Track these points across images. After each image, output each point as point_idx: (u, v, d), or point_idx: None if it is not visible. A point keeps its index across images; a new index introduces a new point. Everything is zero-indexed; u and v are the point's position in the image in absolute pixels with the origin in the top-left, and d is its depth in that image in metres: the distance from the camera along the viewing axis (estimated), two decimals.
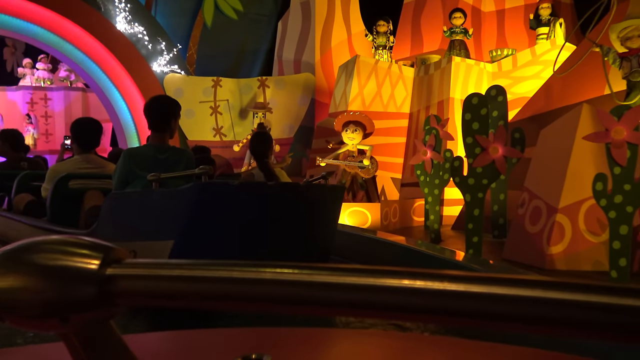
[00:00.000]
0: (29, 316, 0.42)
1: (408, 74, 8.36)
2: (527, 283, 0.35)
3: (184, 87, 10.38)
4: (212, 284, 0.42)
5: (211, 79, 10.36)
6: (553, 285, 0.35)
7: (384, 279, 0.37)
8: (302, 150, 10.47)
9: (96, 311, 0.43)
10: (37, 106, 15.62)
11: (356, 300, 0.38)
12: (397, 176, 8.13)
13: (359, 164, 6.60)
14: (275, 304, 0.40)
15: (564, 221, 3.72)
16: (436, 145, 5.32)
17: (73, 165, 3.96)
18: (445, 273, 0.37)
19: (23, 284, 0.42)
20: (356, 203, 6.36)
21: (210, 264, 0.42)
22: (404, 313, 0.37)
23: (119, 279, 0.42)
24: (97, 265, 0.42)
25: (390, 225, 6.50)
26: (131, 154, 3.33)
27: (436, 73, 7.71)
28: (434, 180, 5.36)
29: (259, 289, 0.40)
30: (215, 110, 10.35)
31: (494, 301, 0.35)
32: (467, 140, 4.17)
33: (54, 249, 0.43)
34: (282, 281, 0.40)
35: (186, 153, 3.51)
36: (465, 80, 7.43)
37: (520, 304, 0.35)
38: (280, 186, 3.12)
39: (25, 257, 0.43)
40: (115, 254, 0.44)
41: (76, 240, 0.44)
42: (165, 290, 0.43)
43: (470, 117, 4.17)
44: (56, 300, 0.42)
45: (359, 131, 6.72)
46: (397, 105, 8.31)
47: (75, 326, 0.44)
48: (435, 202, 5.37)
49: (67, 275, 0.42)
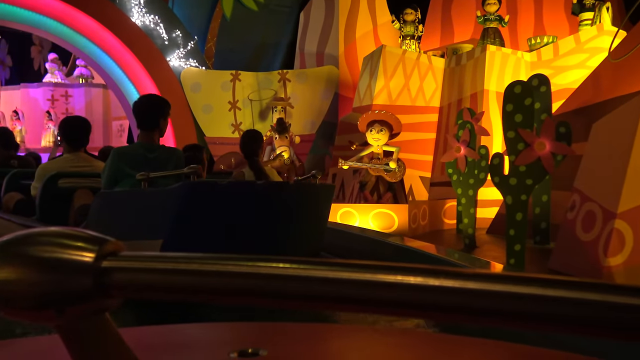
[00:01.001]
0: (24, 308, 0.43)
1: (438, 65, 7.89)
2: (526, 281, 0.36)
3: (201, 82, 10.08)
4: (207, 278, 0.42)
5: (230, 73, 10.03)
6: (547, 282, 0.35)
7: (378, 274, 0.38)
8: (325, 147, 10.10)
9: (92, 303, 0.44)
10: (57, 103, 15.75)
11: (351, 295, 0.39)
12: (426, 175, 7.68)
13: (385, 167, 6.15)
14: (270, 298, 0.41)
15: (623, 228, 3.24)
16: (471, 141, 4.87)
17: (62, 163, 3.95)
18: (441, 269, 0.38)
19: (19, 275, 0.43)
20: (382, 205, 5.93)
21: (206, 258, 0.43)
22: (399, 309, 0.38)
23: (115, 271, 0.43)
24: (93, 257, 0.43)
25: (419, 228, 6.07)
26: (120, 153, 3.35)
27: (469, 63, 7.23)
28: (468, 179, 4.90)
29: (254, 282, 0.41)
30: (234, 105, 10.03)
31: (490, 298, 0.36)
32: (509, 135, 3.72)
33: (50, 240, 0.44)
34: (278, 275, 0.40)
35: (176, 152, 3.54)
36: (501, 71, 6.94)
37: (517, 301, 0.35)
38: (269, 185, 3.18)
39: (21, 248, 0.43)
40: (111, 246, 0.44)
41: (72, 232, 0.45)
42: (161, 283, 0.43)
43: (512, 108, 3.72)
44: (52, 292, 0.43)
45: (385, 131, 6.27)
46: (426, 99, 7.84)
47: (71, 318, 0.45)
48: (470, 203, 4.92)
49: (63, 267, 0.43)
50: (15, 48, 18.03)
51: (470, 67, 7.18)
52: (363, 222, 5.84)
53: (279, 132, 7.92)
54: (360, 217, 5.87)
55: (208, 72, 10.28)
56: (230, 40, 11.13)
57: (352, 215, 5.86)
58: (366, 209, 5.88)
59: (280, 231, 2.93)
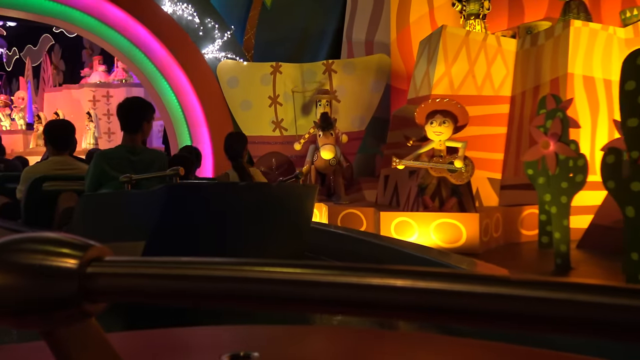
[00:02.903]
0: (9, 314, 0.44)
1: (509, 47, 6.86)
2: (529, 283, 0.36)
3: (239, 76, 9.40)
4: (192, 282, 0.43)
5: (270, 65, 9.31)
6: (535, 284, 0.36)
7: (369, 277, 0.39)
8: (376, 146, 9.22)
9: (77, 308, 0.44)
10: (99, 104, 15.73)
11: (342, 297, 0.40)
12: (495, 176, 6.68)
13: (449, 166, 5.20)
14: (258, 302, 0.43)
15: None
16: (563, 134, 3.91)
17: (47, 166, 4.03)
18: (431, 271, 0.38)
19: (3, 281, 0.43)
20: (446, 213, 5.01)
21: (191, 262, 0.44)
22: (388, 311, 0.40)
23: (100, 276, 0.44)
24: (77, 263, 0.44)
25: (492, 241, 5.12)
26: (104, 156, 3.45)
27: (548, 43, 6.19)
28: (560, 182, 3.93)
29: (240, 286, 0.42)
30: (275, 100, 9.29)
31: (489, 299, 0.36)
32: (630, 123, 2.79)
33: (35, 246, 0.45)
34: (264, 279, 0.41)
35: (159, 154, 3.71)
36: (588, 50, 5.88)
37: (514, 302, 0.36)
38: (250, 186, 3.41)
39: (6, 254, 0.44)
40: (96, 251, 0.45)
41: (57, 238, 0.46)
42: (146, 288, 0.44)
43: (634, 86, 2.76)
44: (36, 297, 0.43)
45: (449, 123, 5.32)
46: (495, 87, 6.83)
47: (57, 324, 0.46)
48: (562, 213, 3.95)
49: (47, 272, 0.44)
50: (68, 52, 18.37)
51: (549, 48, 6.15)
52: (423, 235, 4.94)
53: (323, 129, 7.09)
54: (419, 229, 4.98)
55: (246, 65, 9.58)
56: (271, 31, 10.38)
57: (409, 226, 4.97)
58: (426, 218, 4.97)
59: (261, 232, 3.07)
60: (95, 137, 15.18)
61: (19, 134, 16.70)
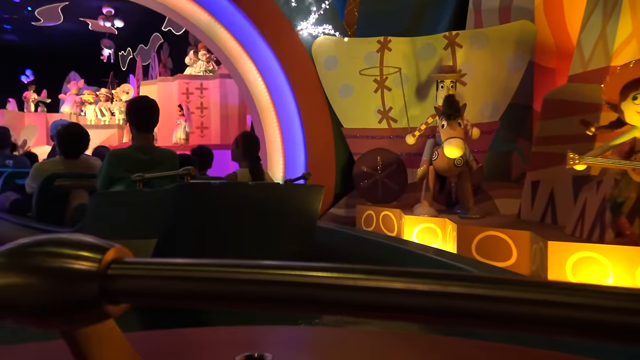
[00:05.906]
0: (31, 315, 0.45)
1: None
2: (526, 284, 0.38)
3: (338, 54, 7.90)
4: (211, 284, 0.44)
5: (377, 40, 7.72)
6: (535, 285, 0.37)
7: (376, 279, 0.40)
8: (512, 141, 7.35)
9: (97, 310, 0.45)
10: (192, 97, 15.10)
11: (354, 300, 0.41)
12: None
13: None
14: (275, 304, 0.43)
15: None
16: None
17: (57, 165, 4.19)
18: (438, 272, 0.40)
19: (25, 283, 0.44)
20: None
21: (211, 264, 0.45)
22: (398, 313, 0.40)
23: (120, 278, 0.45)
24: (98, 265, 0.45)
25: None
26: (116, 155, 3.59)
27: None
28: None
29: (259, 289, 0.43)
30: (382, 84, 7.68)
31: (491, 302, 0.37)
32: None
33: (57, 247, 0.46)
34: (282, 282, 0.42)
35: (171, 154, 3.81)
36: None
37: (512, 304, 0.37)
38: (257, 186, 3.61)
39: (28, 255, 0.46)
40: (116, 252, 0.46)
41: (78, 240, 0.47)
42: (165, 290, 0.45)
43: None
44: (58, 299, 0.45)
45: None
46: None
47: (77, 324, 0.47)
48: None
49: (69, 274, 0.45)
50: (174, 50, 18.41)
51: None
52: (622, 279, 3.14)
53: (448, 117, 5.37)
54: (613, 270, 3.18)
55: (347, 41, 8.05)
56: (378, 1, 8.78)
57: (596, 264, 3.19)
58: (628, 258, 3.16)
59: (270, 231, 3.29)
60: (187, 132, 14.51)
61: (114, 128, 16.92)
